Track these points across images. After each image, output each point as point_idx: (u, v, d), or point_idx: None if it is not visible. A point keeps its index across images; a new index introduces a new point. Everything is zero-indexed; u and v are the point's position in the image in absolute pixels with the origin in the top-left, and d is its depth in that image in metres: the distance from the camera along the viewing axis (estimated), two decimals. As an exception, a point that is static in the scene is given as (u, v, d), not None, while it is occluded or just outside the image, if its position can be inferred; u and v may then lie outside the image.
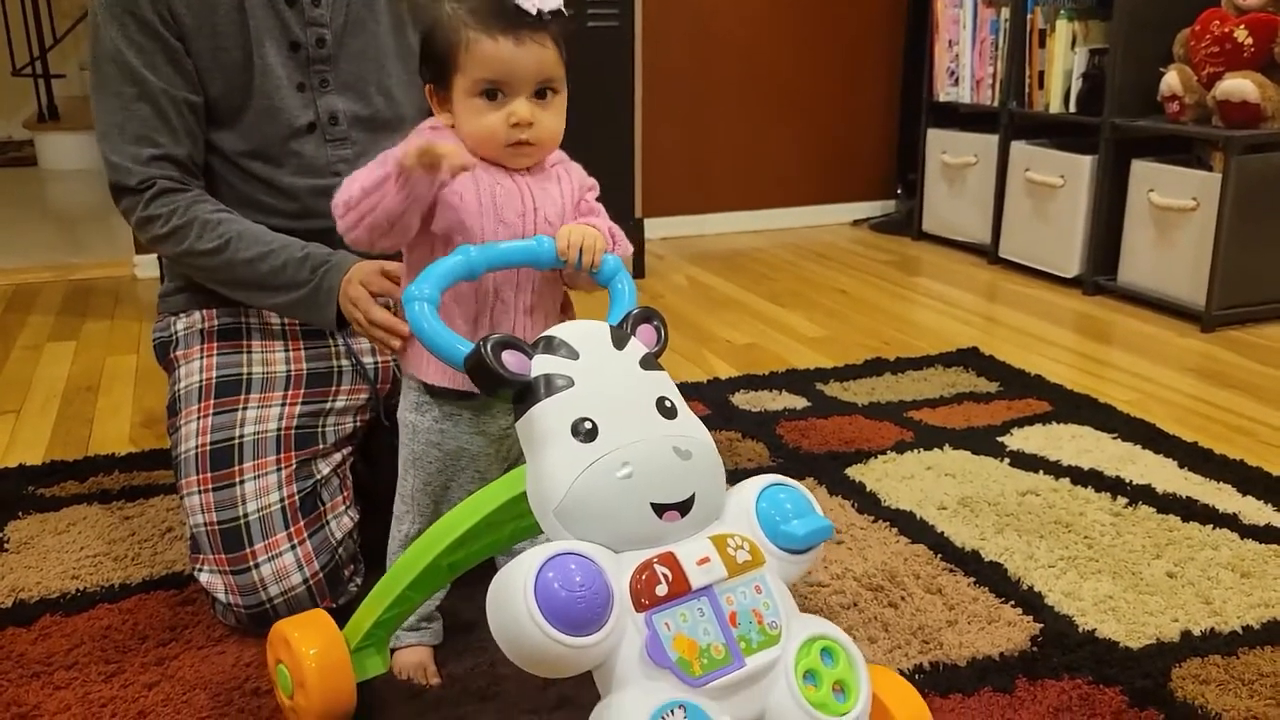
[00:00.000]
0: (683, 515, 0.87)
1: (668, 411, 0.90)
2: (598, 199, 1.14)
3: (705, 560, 0.86)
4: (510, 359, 0.89)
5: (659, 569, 0.84)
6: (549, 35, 1.04)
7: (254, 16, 1.34)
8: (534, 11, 1.01)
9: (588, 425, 0.86)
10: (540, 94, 1.05)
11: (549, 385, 0.89)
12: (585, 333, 0.93)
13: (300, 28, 1.37)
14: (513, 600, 0.80)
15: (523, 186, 1.07)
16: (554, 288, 1.12)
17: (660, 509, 0.86)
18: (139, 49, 1.32)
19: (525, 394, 0.89)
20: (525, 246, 1.02)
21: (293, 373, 1.38)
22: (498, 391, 0.90)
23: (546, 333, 0.93)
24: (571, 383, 0.89)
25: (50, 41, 5.12)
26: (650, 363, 0.94)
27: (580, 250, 1.02)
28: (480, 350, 0.89)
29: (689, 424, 0.92)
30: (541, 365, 0.90)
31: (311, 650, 1.07)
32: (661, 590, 0.84)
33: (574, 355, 0.90)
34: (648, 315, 0.99)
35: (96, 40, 1.34)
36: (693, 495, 0.88)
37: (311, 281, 1.27)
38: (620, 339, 0.94)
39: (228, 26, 1.34)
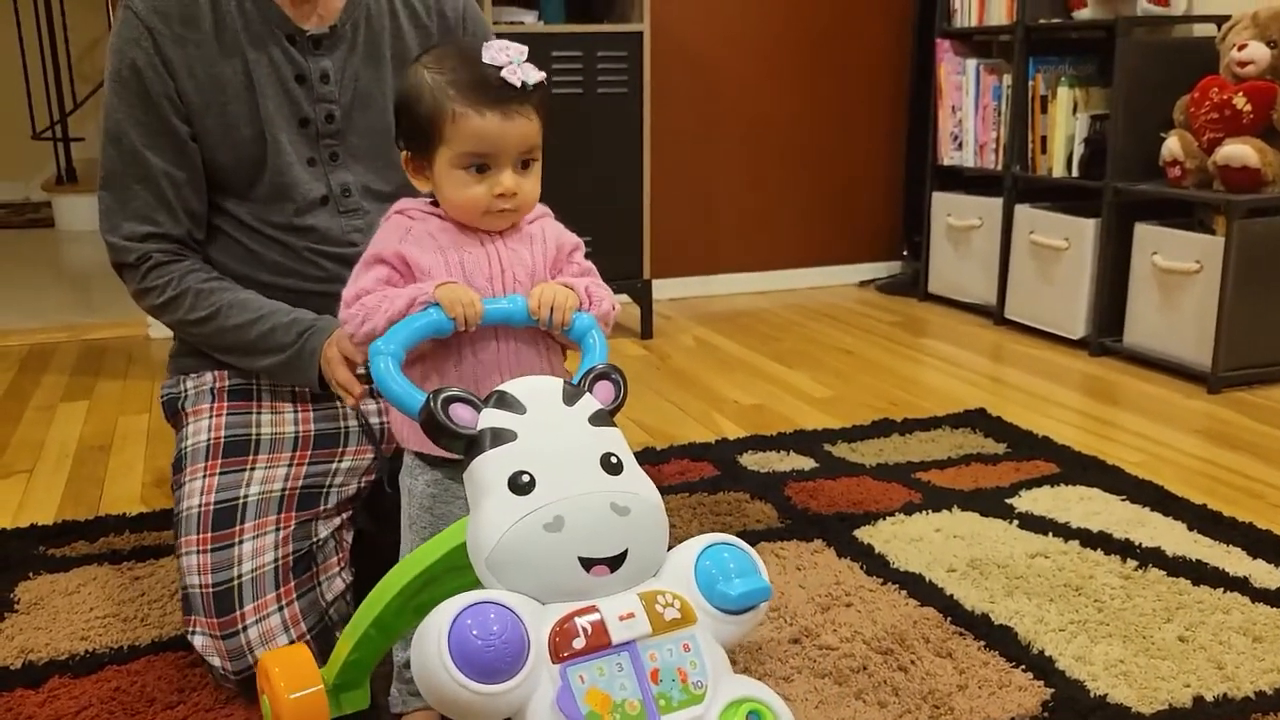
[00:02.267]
0: (613, 570, 0.89)
1: (613, 468, 0.92)
2: (586, 256, 1.16)
3: (629, 615, 0.87)
4: (460, 412, 0.92)
5: (579, 622, 0.86)
6: (532, 107, 1.06)
7: (264, 95, 1.38)
8: (519, 84, 1.03)
9: (525, 479, 0.89)
10: (523, 164, 1.07)
11: (493, 438, 0.91)
12: (536, 388, 0.96)
13: (310, 105, 1.40)
14: (428, 644, 0.82)
15: (491, 252, 1.09)
16: (535, 342, 1.12)
17: (589, 563, 0.88)
18: (144, 129, 1.36)
19: (472, 446, 0.92)
20: (497, 306, 1.05)
21: (301, 434, 1.40)
22: (447, 443, 0.93)
23: (498, 387, 0.95)
24: (515, 436, 0.91)
25: (71, 106, 5.23)
26: (601, 419, 0.96)
27: (551, 309, 1.04)
28: (429, 403, 0.92)
29: (633, 481, 0.93)
30: (488, 419, 0.93)
31: (286, 684, 1.11)
32: (579, 643, 0.85)
33: (521, 410, 0.93)
34: (607, 372, 1.00)
35: (105, 116, 1.38)
36: (625, 551, 0.89)
37: (296, 345, 1.33)
38: (572, 395, 0.96)
39: (237, 105, 1.37)
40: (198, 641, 1.27)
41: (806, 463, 2.06)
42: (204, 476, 1.33)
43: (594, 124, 2.93)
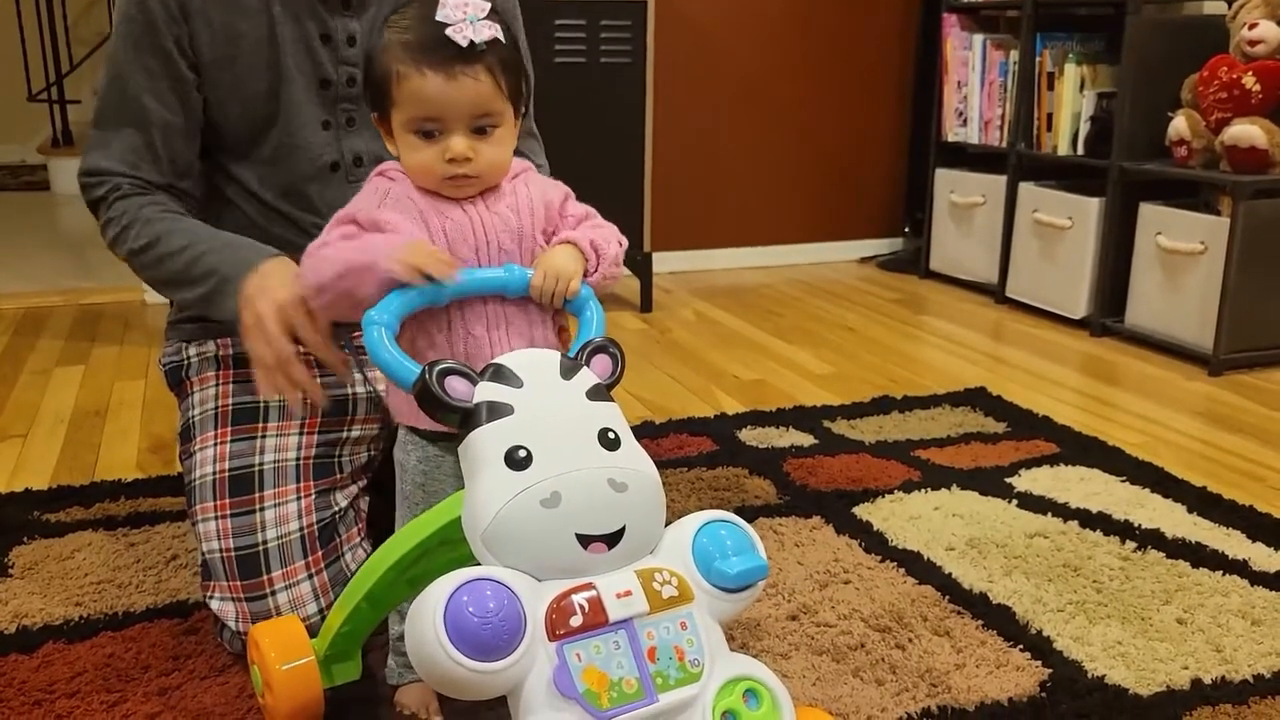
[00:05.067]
0: (610, 547, 0.88)
1: (610, 443, 0.90)
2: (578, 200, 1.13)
3: (626, 593, 0.87)
4: (456, 385, 0.91)
5: (576, 599, 0.85)
6: (484, 67, 1.00)
7: (285, 52, 1.32)
8: (464, 43, 0.99)
9: (522, 454, 0.87)
10: (479, 129, 1.03)
11: (489, 412, 0.90)
12: (533, 361, 0.94)
13: (333, 66, 1.35)
14: (424, 621, 0.81)
15: (474, 216, 1.05)
16: (528, 312, 1.08)
17: (586, 540, 0.87)
18: (148, 74, 1.30)
19: (467, 420, 0.91)
20: (492, 275, 1.03)
21: (309, 400, 1.38)
22: (442, 417, 0.92)
23: (495, 360, 0.94)
24: (511, 410, 0.90)
25: (67, 68, 5.18)
26: (599, 393, 0.94)
27: (556, 281, 1.03)
28: (425, 376, 0.91)
29: (631, 456, 0.91)
30: (484, 392, 0.91)
31: (277, 655, 1.10)
32: (576, 621, 0.84)
33: (518, 384, 0.91)
34: (604, 346, 0.99)
35: (110, 55, 1.32)
36: (623, 528, 0.88)
37: (220, 275, 1.21)
38: (570, 369, 0.94)
39: (254, 59, 1.32)
40: (215, 604, 1.26)
41: (806, 439, 2.05)
42: (215, 444, 1.32)
43: (596, 94, 2.90)
